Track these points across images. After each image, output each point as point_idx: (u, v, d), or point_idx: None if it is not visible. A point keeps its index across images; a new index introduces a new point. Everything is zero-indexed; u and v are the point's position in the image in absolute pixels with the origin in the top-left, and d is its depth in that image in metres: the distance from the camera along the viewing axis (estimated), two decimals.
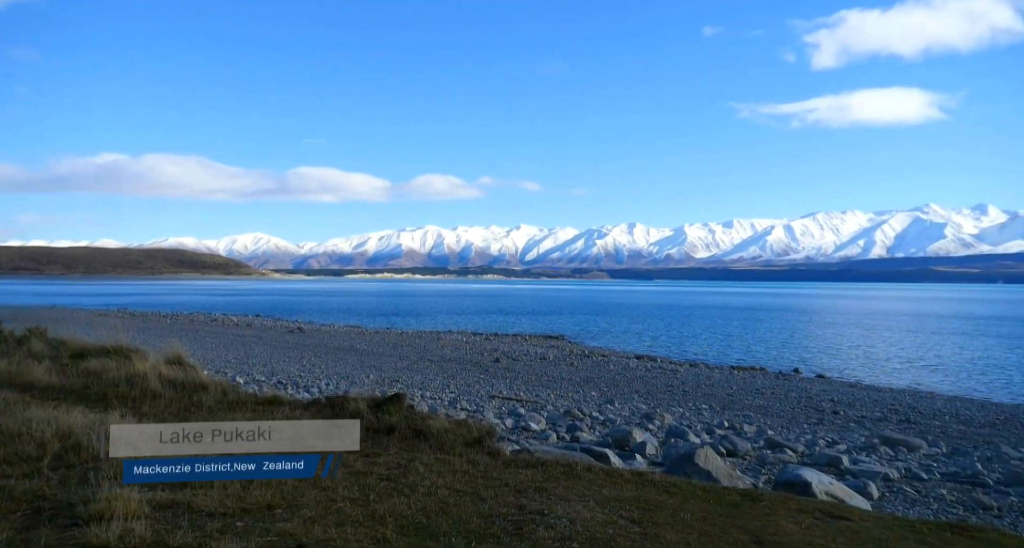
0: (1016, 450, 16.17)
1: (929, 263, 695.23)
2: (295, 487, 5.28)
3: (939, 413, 22.19)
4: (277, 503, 4.94)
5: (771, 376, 32.16)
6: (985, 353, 43.04)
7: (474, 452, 6.02)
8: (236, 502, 4.91)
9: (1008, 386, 30.29)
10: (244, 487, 5.15)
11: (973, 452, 15.59)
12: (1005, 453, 15.53)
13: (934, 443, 16.58)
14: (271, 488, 5.19)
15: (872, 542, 4.23)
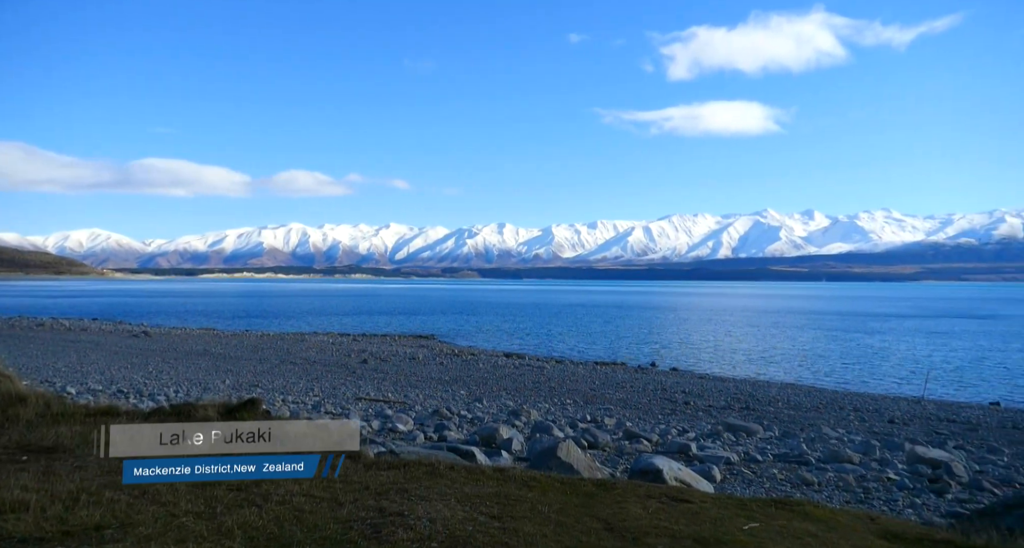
0: (834, 430, 18.20)
1: (767, 263, 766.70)
2: (130, 504, 4.85)
3: (774, 400, 24.46)
4: (107, 523, 4.50)
5: (631, 370, 33.94)
6: (812, 344, 48.04)
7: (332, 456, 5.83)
8: (56, 525, 4.41)
9: (831, 373, 34.00)
10: (67, 508, 4.65)
11: (800, 434, 17.35)
12: (826, 433, 17.42)
13: (769, 427, 18.26)
14: (100, 507, 4.72)
15: (709, 521, 4.60)
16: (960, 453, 14.90)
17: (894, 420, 20.78)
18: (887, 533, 4.38)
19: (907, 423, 20.37)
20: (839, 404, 23.86)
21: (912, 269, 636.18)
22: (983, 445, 16.75)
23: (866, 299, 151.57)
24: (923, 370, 33.99)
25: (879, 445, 15.27)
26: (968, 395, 27.87)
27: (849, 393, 27.44)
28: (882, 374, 33.71)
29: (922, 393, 27.68)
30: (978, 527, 4.57)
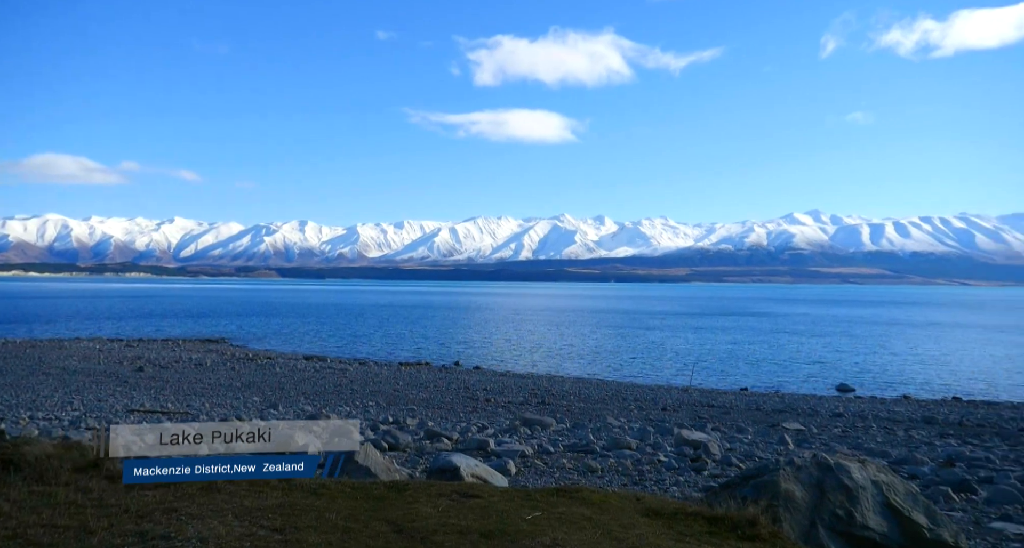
0: (617, 420, 19.90)
1: (564, 265, 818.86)
2: None
3: (567, 394, 26.12)
4: None
5: (435, 370, 34.23)
6: (602, 341, 52.13)
7: (88, 478, 5.06)
8: None
9: (617, 367, 37.14)
10: None
11: (588, 425, 18.71)
12: (610, 423, 18.98)
13: (561, 420, 19.46)
14: None
15: (496, 514, 4.78)
16: (716, 434, 17.06)
17: (667, 407, 23.20)
18: (649, 510, 4.90)
19: (677, 410, 22.85)
20: (622, 395, 26.10)
21: (683, 271, 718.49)
22: (734, 426, 19.32)
23: (647, 299, 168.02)
24: (691, 362, 38.45)
25: (653, 431, 16.96)
26: (725, 383, 31.99)
27: (632, 385, 30.12)
28: (660, 366, 37.53)
29: (690, 382, 31.28)
30: (721, 498, 5.28)
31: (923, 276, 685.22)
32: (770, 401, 25.37)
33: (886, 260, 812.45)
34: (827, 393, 29.12)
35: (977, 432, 19.42)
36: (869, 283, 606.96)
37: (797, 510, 5.20)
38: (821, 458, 5.55)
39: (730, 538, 4.46)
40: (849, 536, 5.16)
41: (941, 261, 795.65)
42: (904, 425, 20.60)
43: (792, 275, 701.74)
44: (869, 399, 27.03)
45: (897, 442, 17.67)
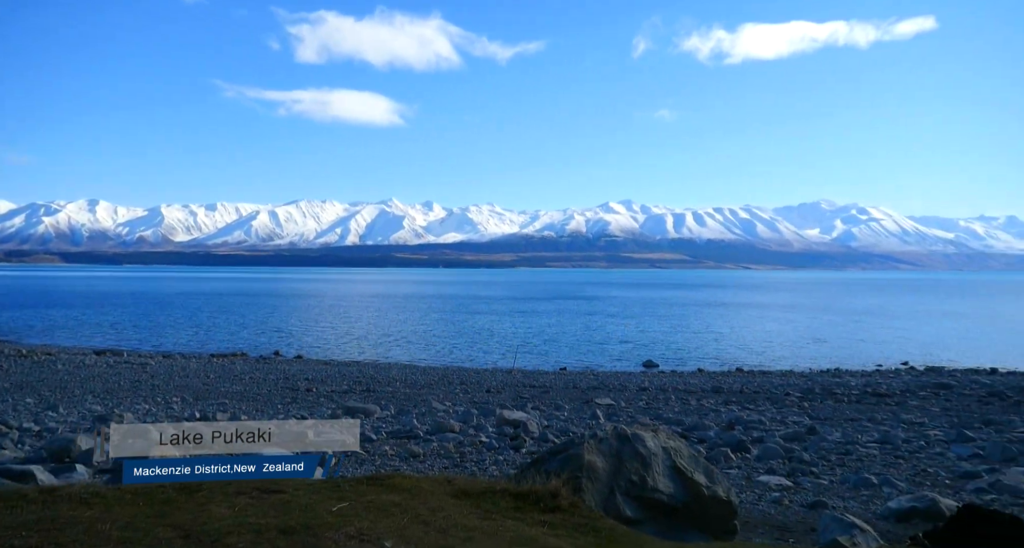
0: (442, 404, 20.09)
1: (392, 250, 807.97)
2: None
3: (393, 380, 25.85)
4: None
5: (252, 361, 32.17)
6: (431, 326, 52.24)
7: None
8: None
9: (446, 352, 37.44)
10: None
11: (413, 410, 18.67)
12: (435, 407, 19.10)
13: (386, 407, 19.21)
14: None
15: (299, 509, 4.57)
16: (535, 413, 17.83)
17: (491, 389, 23.83)
18: (459, 492, 4.98)
19: (500, 391, 23.56)
20: (448, 379, 26.37)
21: (510, 257, 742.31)
22: (552, 404, 20.34)
23: (474, 284, 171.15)
24: (515, 344, 39.85)
25: (477, 413, 17.33)
26: (546, 363, 33.55)
27: (459, 369, 30.53)
28: (487, 350, 38.43)
29: (514, 364, 32.40)
30: (530, 474, 5.52)
31: (716, 261, 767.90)
32: (585, 379, 27.02)
33: (686, 246, 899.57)
34: (635, 369, 31.64)
35: (754, 398, 22.20)
36: (672, 267, 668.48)
37: (598, 480, 5.58)
38: (620, 430, 5.99)
39: (533, 511, 4.67)
40: (642, 499, 5.63)
41: (730, 247, 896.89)
42: (697, 395, 22.97)
43: (608, 260, 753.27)
44: (670, 373, 29.77)
45: (690, 411, 19.66)
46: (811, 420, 17.40)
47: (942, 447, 13.60)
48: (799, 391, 23.51)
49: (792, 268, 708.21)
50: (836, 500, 9.01)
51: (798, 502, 8.96)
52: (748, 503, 8.94)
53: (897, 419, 17.84)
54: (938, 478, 10.87)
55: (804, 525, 7.04)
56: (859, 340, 44.38)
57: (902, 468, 11.64)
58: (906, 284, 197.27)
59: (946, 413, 19.12)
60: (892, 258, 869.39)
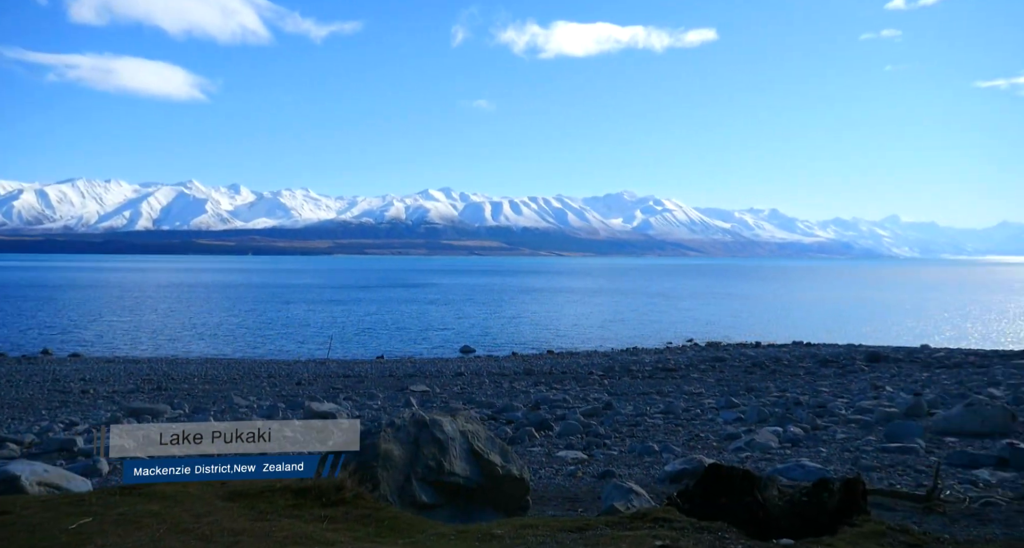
0: (245, 399, 18.85)
1: (193, 236, 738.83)
2: None
3: (191, 377, 23.76)
4: None
5: (12, 361, 27.82)
6: (237, 318, 48.71)
7: None
8: None
9: (254, 345, 35.15)
10: None
11: (211, 408, 17.31)
12: (237, 403, 17.87)
13: (179, 406, 17.60)
14: None
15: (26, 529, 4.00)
16: (348, 403, 17.41)
17: (301, 382, 22.83)
18: (233, 494, 4.68)
19: (312, 383, 22.65)
20: (255, 373, 24.83)
21: (326, 244, 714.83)
22: (366, 393, 19.98)
23: (287, 271, 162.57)
24: (331, 334, 38.53)
25: (284, 407, 16.50)
26: (363, 352, 32.86)
27: (267, 361, 28.85)
28: (300, 340, 36.72)
29: (327, 354, 31.32)
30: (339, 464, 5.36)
31: (531, 248, 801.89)
32: (403, 367, 26.90)
33: (504, 234, 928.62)
34: (453, 355, 32.10)
35: (561, 378, 23.58)
36: (490, 255, 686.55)
37: (394, 468, 5.56)
38: (418, 416, 6.02)
39: (314, 507, 4.52)
40: (439, 484, 5.71)
41: (544, 235, 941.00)
42: (510, 378, 23.87)
43: (428, 247, 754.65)
44: (486, 358, 30.61)
45: (502, 393, 20.38)
46: (609, 396, 18.84)
47: (713, 414, 15.43)
48: (601, 369, 25.35)
49: (599, 255, 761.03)
50: (623, 468, 9.86)
51: (591, 473, 9.67)
52: (546, 478, 9.48)
53: (680, 391, 19.93)
54: (708, 441, 12.32)
55: (593, 494, 7.61)
56: (653, 320, 48.89)
57: (680, 435, 13.03)
58: (693, 269, 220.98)
59: (719, 383, 21.73)
60: (682, 246, 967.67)
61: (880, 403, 15.68)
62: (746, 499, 4.47)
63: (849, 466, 9.57)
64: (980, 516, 6.07)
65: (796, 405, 16.22)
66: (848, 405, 16.01)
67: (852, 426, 13.27)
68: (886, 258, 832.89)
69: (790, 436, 12.14)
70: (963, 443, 10.88)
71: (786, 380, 22.03)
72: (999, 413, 12.02)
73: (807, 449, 11.21)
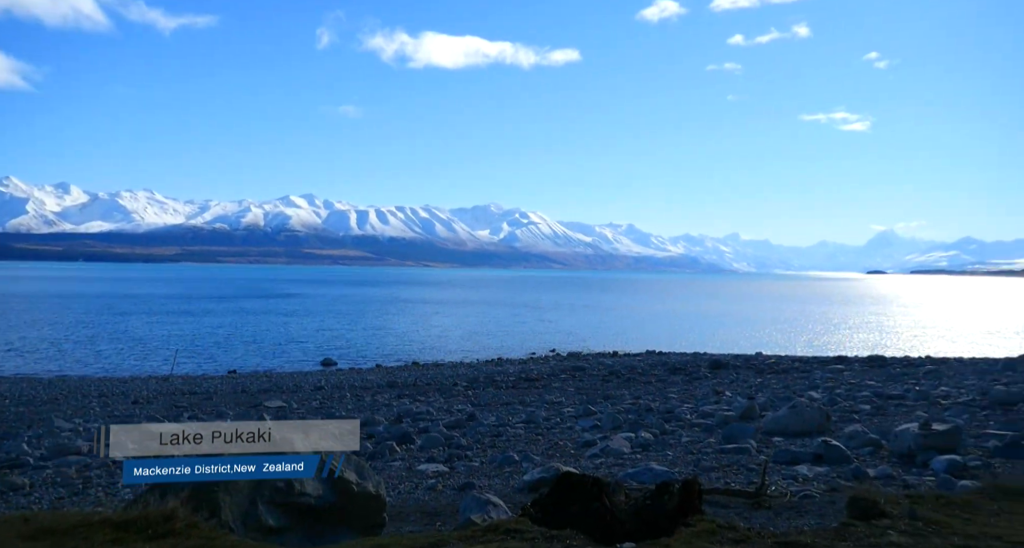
0: (69, 422, 16.92)
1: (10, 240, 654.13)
2: None
3: (0, 397, 21.01)
4: None
5: None
6: (63, 331, 43.71)
7: None
8: None
9: (84, 361, 31.66)
10: None
11: (25, 433, 15.36)
12: (58, 427, 15.99)
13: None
14: None
15: None
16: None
17: (139, 400, 20.90)
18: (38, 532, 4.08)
19: (152, 401, 20.80)
20: (84, 392, 22.42)
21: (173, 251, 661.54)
22: (214, 411, 18.66)
23: (127, 280, 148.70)
24: (177, 348, 35.63)
25: None
26: (213, 367, 30.69)
27: (99, 379, 26.17)
28: (140, 356, 33.61)
29: (172, 370, 28.92)
30: (151, 496, 4.90)
31: (398, 259, 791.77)
32: (257, 381, 25.43)
33: (370, 244, 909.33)
34: (313, 369, 30.83)
35: (425, 390, 23.36)
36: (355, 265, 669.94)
37: (239, 491, 5.20)
38: None
39: (137, 541, 4.10)
40: (289, 506, 5.42)
41: (411, 246, 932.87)
42: (372, 391, 23.30)
43: (288, 256, 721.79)
44: (348, 371, 29.69)
45: (364, 407, 19.84)
46: (473, 407, 18.92)
47: (572, 422, 15.96)
48: (466, 380, 25.42)
49: (466, 266, 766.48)
50: (483, 480, 9.91)
51: (451, 486, 9.62)
52: (405, 493, 9.31)
53: (542, 400, 20.43)
54: (566, 449, 12.71)
55: (452, 508, 7.57)
56: (518, 331, 49.87)
57: (540, 444, 13.33)
58: (556, 281, 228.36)
59: (579, 392, 22.53)
60: (547, 258, 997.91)
61: (720, 407, 16.98)
62: (595, 505, 4.65)
63: (692, 467, 10.25)
64: (799, 508, 6.73)
65: (648, 411, 17.16)
66: (693, 410, 17.19)
67: (696, 430, 14.25)
68: (727, 272, 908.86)
69: (641, 441, 12.81)
70: (787, 442, 12.01)
71: (639, 388, 23.26)
72: (817, 414, 13.41)
73: (656, 453, 11.88)
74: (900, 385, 20.93)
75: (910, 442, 10.48)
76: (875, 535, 4.84)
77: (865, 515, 5.20)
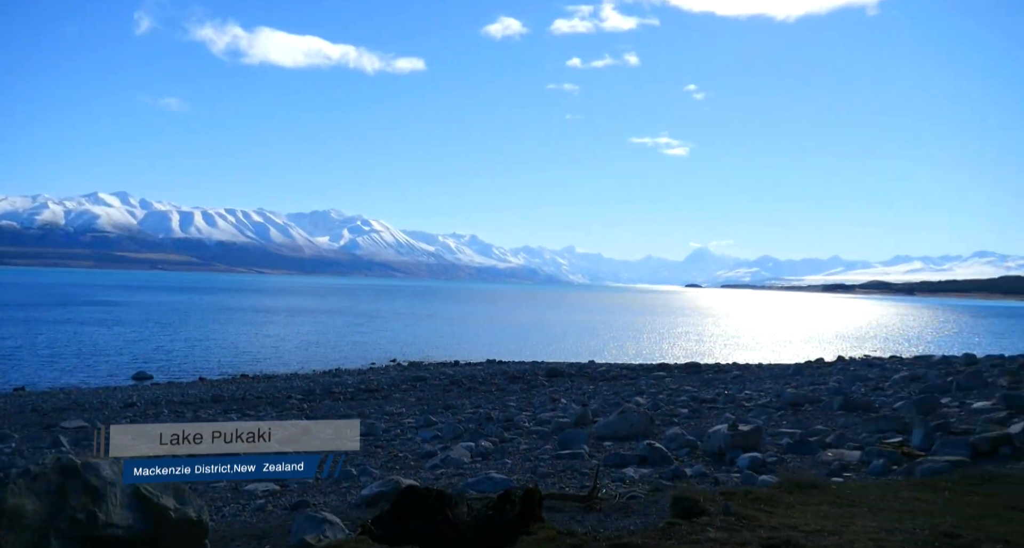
0: None
1: None
2: None
3: None
4: None
5: None
6: None
7: None
8: None
9: None
10: None
11: None
12: None
13: None
14: None
15: None
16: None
17: None
18: None
19: None
20: None
21: None
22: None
23: None
24: None
25: None
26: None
27: None
28: None
29: None
30: None
31: (227, 264, 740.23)
32: (53, 399, 22.44)
33: (195, 248, 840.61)
34: (124, 383, 27.80)
35: (255, 404, 21.95)
36: (178, 270, 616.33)
37: (26, 527, 4.50)
38: (67, 461, 4.97)
39: None
40: (89, 538, 4.78)
41: (243, 251, 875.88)
42: (194, 406, 21.47)
43: (96, 259, 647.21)
44: (166, 385, 27.14)
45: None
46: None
47: (412, 433, 15.77)
48: (301, 393, 24.25)
49: (304, 273, 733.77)
50: (318, 497, 9.46)
51: (282, 505, 9.08)
52: (231, 515, 8.65)
53: (382, 411, 20.00)
54: (406, 461, 12.52)
55: (283, 528, 7.14)
56: (358, 341, 48.51)
57: (379, 456, 13.02)
58: (398, 290, 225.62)
59: (420, 402, 22.35)
60: (389, 266, 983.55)
61: (556, 414, 17.67)
62: (437, 519, 4.61)
63: (529, 474, 10.53)
64: (626, 509, 7.15)
65: (488, 420, 17.41)
66: (531, 418, 17.71)
67: (534, 437, 14.68)
68: (564, 284, 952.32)
69: (481, 450, 12.95)
70: (616, 446, 12.75)
71: (480, 397, 23.55)
72: (642, 418, 14.39)
73: (495, 461, 12.06)
74: (712, 390, 23.09)
75: (720, 442, 11.56)
76: (696, 532, 5.27)
77: (687, 513, 5.64)
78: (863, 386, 22.51)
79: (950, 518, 5.82)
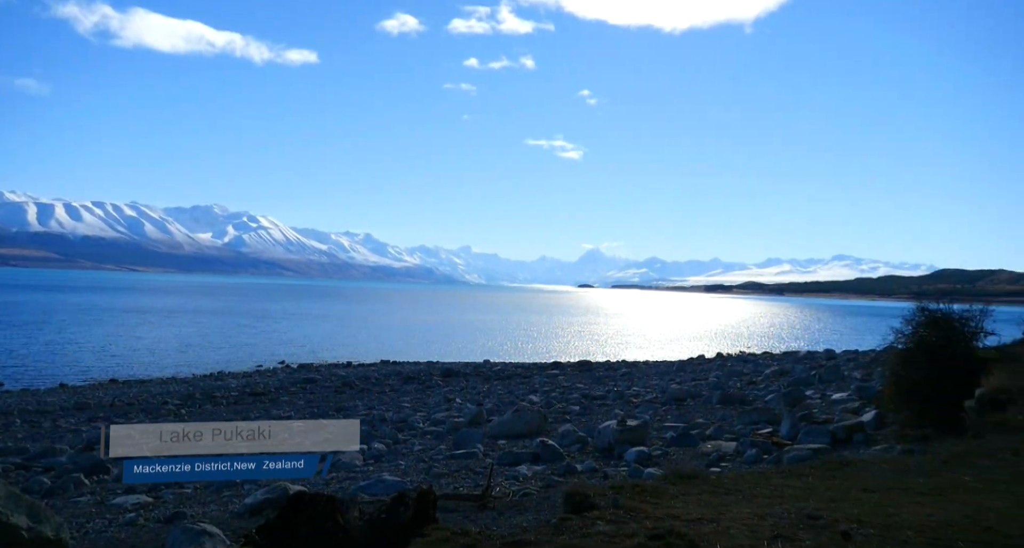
0: None
1: None
2: None
3: None
4: None
5: None
6: None
7: None
8: None
9: None
10: None
11: None
12: None
13: None
14: None
15: None
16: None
17: None
18: None
19: None
20: None
21: None
22: None
23: None
24: None
25: None
26: None
27: None
28: None
29: None
30: None
31: (94, 261, 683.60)
32: None
33: (56, 243, 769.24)
34: None
35: (126, 411, 20.40)
36: (34, 266, 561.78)
37: None
38: None
39: None
40: None
41: (112, 246, 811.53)
42: (53, 415, 19.68)
43: None
44: (20, 392, 24.69)
45: (41, 435, 16.67)
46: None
47: None
48: (179, 398, 22.80)
49: (183, 271, 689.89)
50: (197, 507, 8.90)
51: (156, 518, 8.47)
52: (96, 532, 7.96)
53: (268, 415, 19.14)
54: None
55: (157, 543, 6.65)
56: (243, 343, 46.16)
57: None
58: (288, 289, 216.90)
59: (310, 405, 21.58)
60: (278, 265, 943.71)
61: (451, 414, 17.62)
62: (327, 525, 4.45)
63: (423, 475, 10.42)
64: (519, 506, 7.24)
65: (381, 422, 17.08)
66: (426, 418, 17.55)
67: (428, 437, 14.55)
68: (460, 283, 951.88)
69: (374, 452, 12.68)
70: (511, 444, 12.88)
71: (373, 398, 23.08)
72: (535, 416, 14.63)
73: (388, 463, 11.85)
74: (603, 387, 23.86)
75: (610, 437, 11.96)
76: (587, 526, 5.42)
77: (578, 508, 5.78)
78: (739, 381, 24.06)
79: (813, 502, 6.34)
